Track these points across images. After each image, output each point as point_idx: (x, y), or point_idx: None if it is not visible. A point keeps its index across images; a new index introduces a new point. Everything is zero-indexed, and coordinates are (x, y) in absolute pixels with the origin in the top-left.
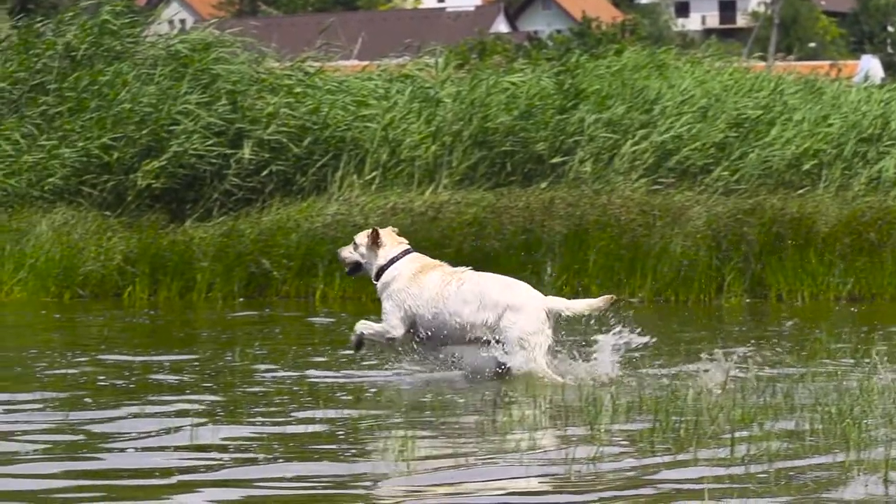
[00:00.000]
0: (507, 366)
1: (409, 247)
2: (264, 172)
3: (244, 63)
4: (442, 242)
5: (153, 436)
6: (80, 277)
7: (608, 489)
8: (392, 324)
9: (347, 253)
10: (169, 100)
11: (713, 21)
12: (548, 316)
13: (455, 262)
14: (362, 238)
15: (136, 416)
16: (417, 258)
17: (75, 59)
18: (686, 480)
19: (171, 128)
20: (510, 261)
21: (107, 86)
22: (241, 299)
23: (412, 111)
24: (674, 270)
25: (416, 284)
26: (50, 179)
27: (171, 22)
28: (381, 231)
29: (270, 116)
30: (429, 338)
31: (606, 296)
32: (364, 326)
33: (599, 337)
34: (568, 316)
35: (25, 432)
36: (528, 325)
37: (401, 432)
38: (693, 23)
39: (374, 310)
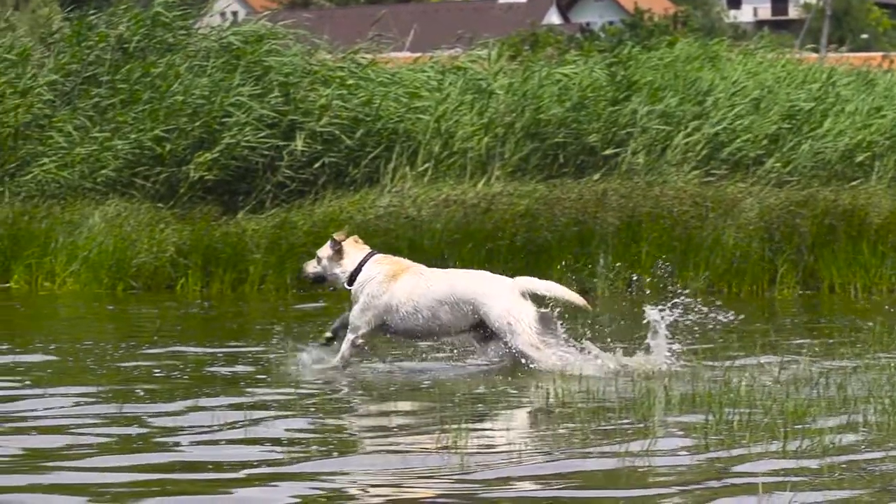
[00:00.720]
0: (515, 350)
1: (371, 250)
2: (317, 164)
3: (297, 55)
4: (494, 234)
5: (207, 430)
6: (133, 269)
7: (662, 483)
8: (357, 324)
9: (311, 268)
10: (221, 92)
11: (765, 13)
12: (523, 295)
13: (509, 254)
14: (325, 251)
15: (190, 409)
16: (384, 259)
17: (128, 50)
18: (740, 474)
19: (224, 120)
20: (562, 253)
21: (159, 78)
22: (294, 291)
23: (464, 103)
24: (726, 262)
25: (389, 289)
26: (102, 171)
27: (223, 14)
28: (341, 240)
29: (323, 108)
30: (404, 335)
31: (585, 300)
32: (337, 359)
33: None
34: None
35: (80, 426)
36: (508, 305)
37: (455, 424)
38: (745, 14)
39: None
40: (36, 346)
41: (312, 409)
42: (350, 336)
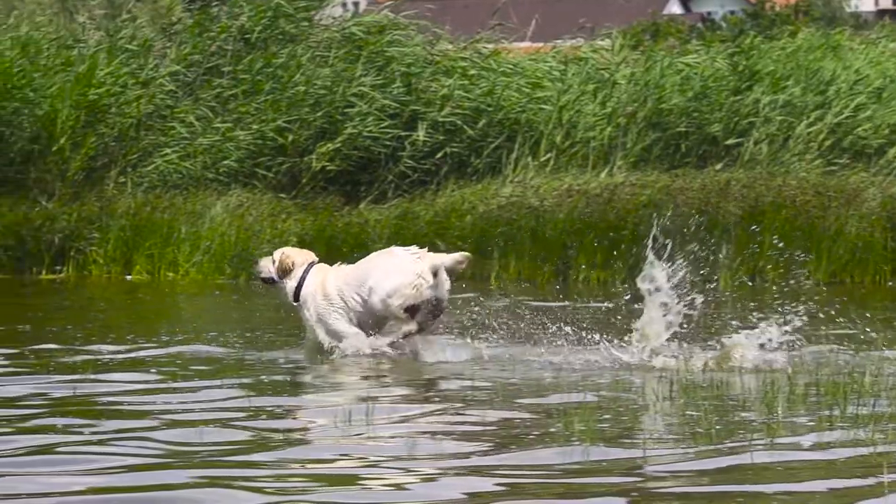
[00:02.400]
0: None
1: (313, 259)
2: (439, 154)
3: (418, 45)
4: (617, 224)
5: (330, 425)
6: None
7: (786, 478)
8: (348, 332)
9: (266, 265)
10: (343, 82)
11: (886, 2)
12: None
13: (630, 244)
14: (278, 257)
15: (315, 403)
16: (320, 269)
17: (249, 41)
18: (865, 466)
19: (346, 110)
20: (684, 243)
21: (281, 68)
22: None
23: (586, 93)
24: (849, 252)
25: (324, 297)
26: (225, 162)
27: (344, 5)
28: (294, 255)
29: (445, 98)
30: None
31: (462, 254)
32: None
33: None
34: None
35: (206, 421)
36: (389, 286)
37: (575, 417)
38: (866, 4)
39: (547, 292)
40: (161, 338)
41: (439, 399)
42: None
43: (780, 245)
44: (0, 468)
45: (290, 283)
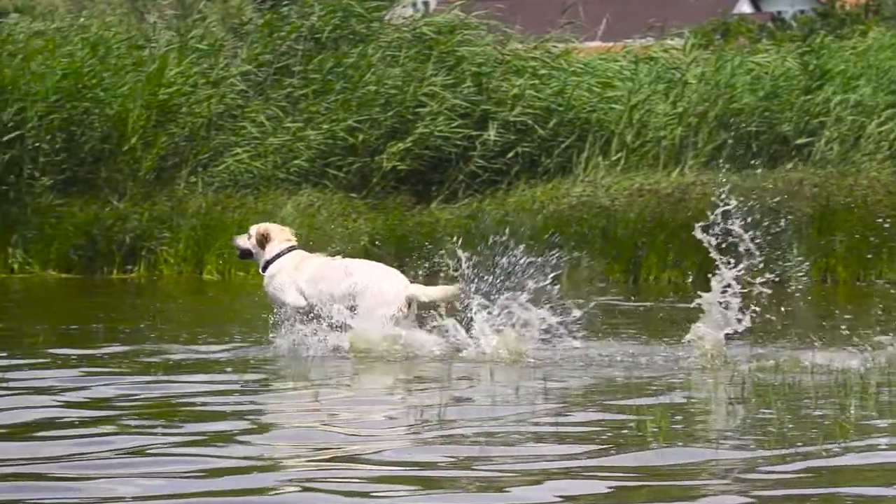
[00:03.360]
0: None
1: (294, 244)
2: (510, 154)
3: (489, 45)
4: (688, 224)
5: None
6: None
7: (861, 481)
8: (292, 298)
9: (242, 241)
10: (414, 82)
11: None
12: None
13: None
14: (253, 231)
15: (393, 404)
16: (299, 254)
17: (320, 41)
18: None
19: (417, 110)
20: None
21: (352, 68)
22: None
23: (657, 92)
24: None
25: (298, 270)
26: (295, 162)
27: (414, 4)
28: (272, 227)
29: (515, 98)
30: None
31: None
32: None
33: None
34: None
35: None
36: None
37: (654, 414)
38: None
39: (618, 292)
40: (234, 338)
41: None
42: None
43: (851, 245)
44: (97, 470)
45: (264, 255)
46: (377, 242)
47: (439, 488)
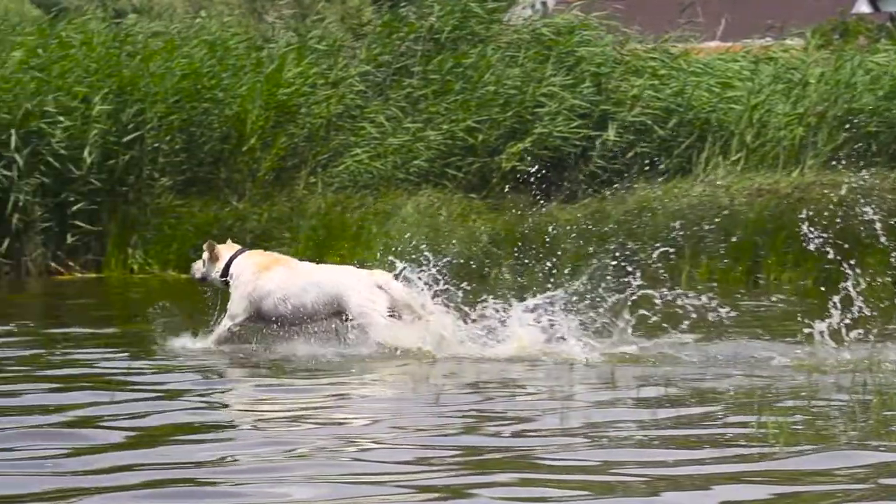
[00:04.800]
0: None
1: (241, 248)
2: (629, 154)
3: (608, 45)
4: (809, 223)
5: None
6: (446, 259)
7: None
8: (234, 312)
9: (197, 268)
10: (533, 82)
11: None
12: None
13: (823, 243)
14: (205, 255)
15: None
16: (255, 253)
17: (439, 41)
18: None
19: (536, 110)
20: (875, 242)
21: (471, 68)
22: (608, 280)
23: (776, 92)
24: None
25: (261, 278)
26: (415, 162)
27: (532, 5)
28: (216, 244)
29: (634, 98)
30: (277, 323)
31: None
32: (212, 337)
33: None
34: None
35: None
36: (363, 299)
37: (779, 416)
38: None
39: (738, 293)
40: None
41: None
42: (227, 322)
43: None
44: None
45: (217, 266)
46: (496, 243)
47: (607, 493)
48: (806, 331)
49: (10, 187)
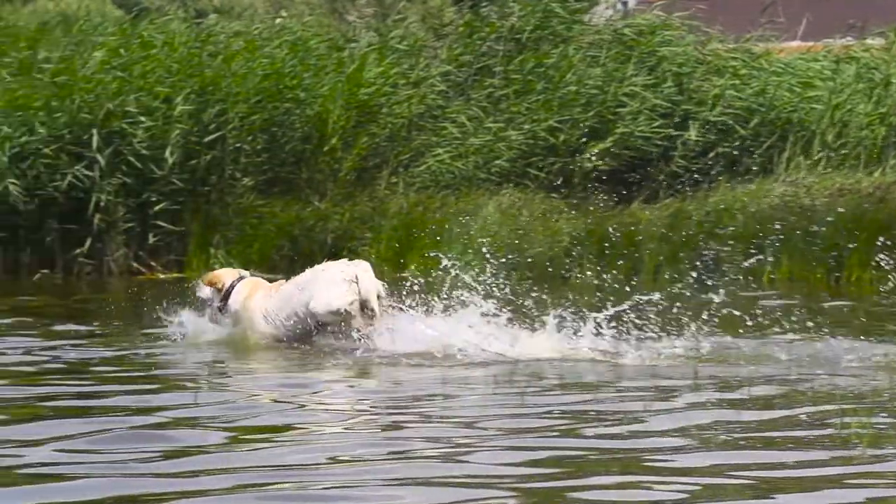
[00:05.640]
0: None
1: (242, 274)
2: (710, 154)
3: (689, 45)
4: (889, 224)
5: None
6: (528, 259)
7: None
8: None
9: (204, 291)
10: (614, 82)
11: None
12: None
13: None
14: (205, 276)
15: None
16: (248, 283)
17: (520, 41)
18: None
19: (617, 110)
20: None
21: (552, 68)
22: (690, 281)
23: (857, 92)
24: None
25: (246, 310)
26: (497, 162)
27: (614, 5)
28: (219, 272)
29: (716, 98)
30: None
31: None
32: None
33: None
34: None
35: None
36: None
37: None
38: None
39: (820, 293)
40: None
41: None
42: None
43: None
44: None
45: (218, 297)
46: (578, 243)
47: (715, 496)
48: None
49: (91, 187)
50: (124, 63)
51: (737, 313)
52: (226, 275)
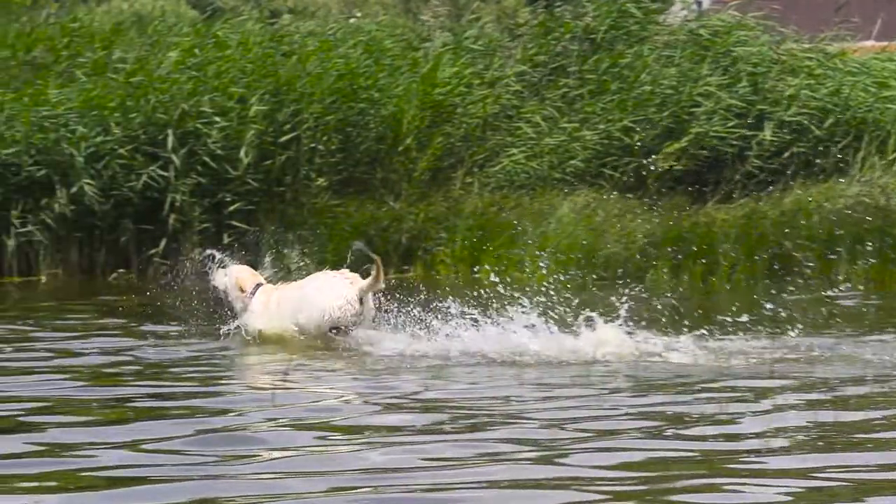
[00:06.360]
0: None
1: (260, 282)
2: (785, 154)
3: (764, 45)
4: None
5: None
6: (602, 260)
7: None
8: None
9: (220, 279)
10: (689, 82)
11: None
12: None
13: None
14: (232, 276)
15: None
16: (264, 291)
17: (595, 41)
18: None
19: (692, 110)
20: None
21: (627, 68)
22: (765, 282)
23: None
24: None
25: (267, 313)
26: (571, 162)
27: (689, 5)
28: (243, 277)
29: (791, 98)
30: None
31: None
32: None
33: None
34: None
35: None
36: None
37: None
38: None
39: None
40: None
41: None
42: None
43: None
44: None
45: (241, 299)
46: (653, 243)
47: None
48: None
49: (166, 187)
50: (199, 63)
51: (811, 313)
52: (248, 280)
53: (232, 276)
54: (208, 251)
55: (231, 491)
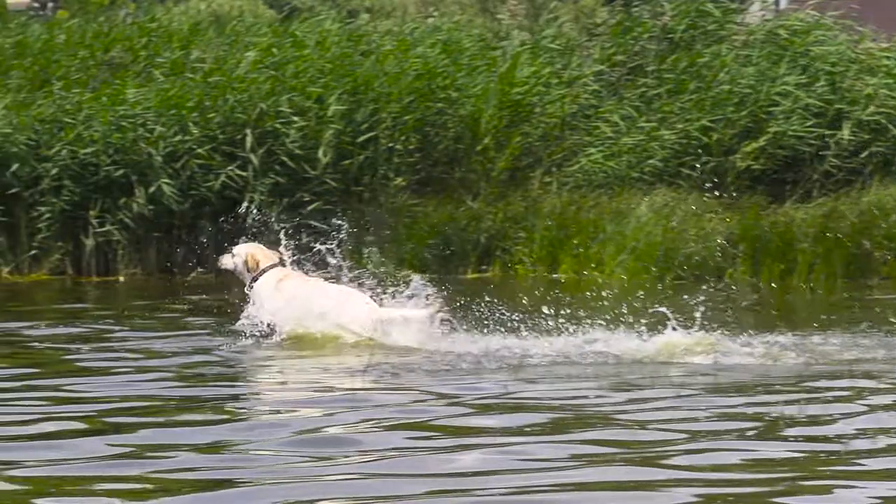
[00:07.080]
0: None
1: (276, 261)
2: (863, 153)
3: (842, 44)
4: None
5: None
6: (681, 259)
7: None
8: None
9: (227, 261)
10: (767, 81)
11: None
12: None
13: None
14: (242, 255)
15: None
16: (280, 271)
17: (673, 40)
18: None
19: (770, 109)
20: None
21: (705, 68)
22: (843, 281)
23: None
24: None
25: (278, 291)
26: (649, 161)
27: (767, 6)
28: (256, 251)
29: (869, 97)
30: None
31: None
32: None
33: None
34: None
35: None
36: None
37: None
38: None
39: None
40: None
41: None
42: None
43: None
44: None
45: (251, 276)
46: (731, 242)
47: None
48: None
49: (245, 187)
50: (277, 63)
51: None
52: (263, 259)
53: (241, 254)
54: (316, 246)
55: (323, 494)
